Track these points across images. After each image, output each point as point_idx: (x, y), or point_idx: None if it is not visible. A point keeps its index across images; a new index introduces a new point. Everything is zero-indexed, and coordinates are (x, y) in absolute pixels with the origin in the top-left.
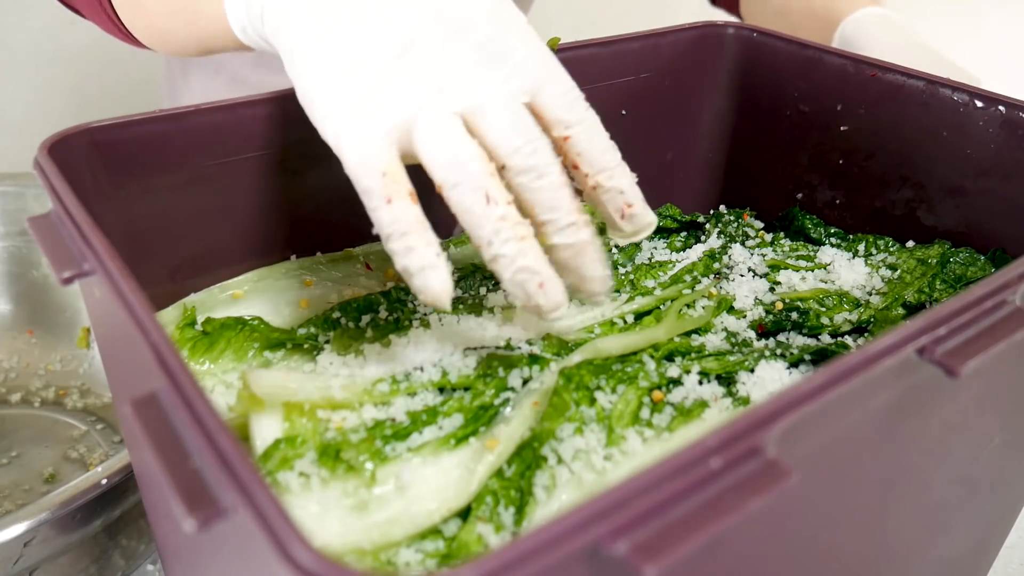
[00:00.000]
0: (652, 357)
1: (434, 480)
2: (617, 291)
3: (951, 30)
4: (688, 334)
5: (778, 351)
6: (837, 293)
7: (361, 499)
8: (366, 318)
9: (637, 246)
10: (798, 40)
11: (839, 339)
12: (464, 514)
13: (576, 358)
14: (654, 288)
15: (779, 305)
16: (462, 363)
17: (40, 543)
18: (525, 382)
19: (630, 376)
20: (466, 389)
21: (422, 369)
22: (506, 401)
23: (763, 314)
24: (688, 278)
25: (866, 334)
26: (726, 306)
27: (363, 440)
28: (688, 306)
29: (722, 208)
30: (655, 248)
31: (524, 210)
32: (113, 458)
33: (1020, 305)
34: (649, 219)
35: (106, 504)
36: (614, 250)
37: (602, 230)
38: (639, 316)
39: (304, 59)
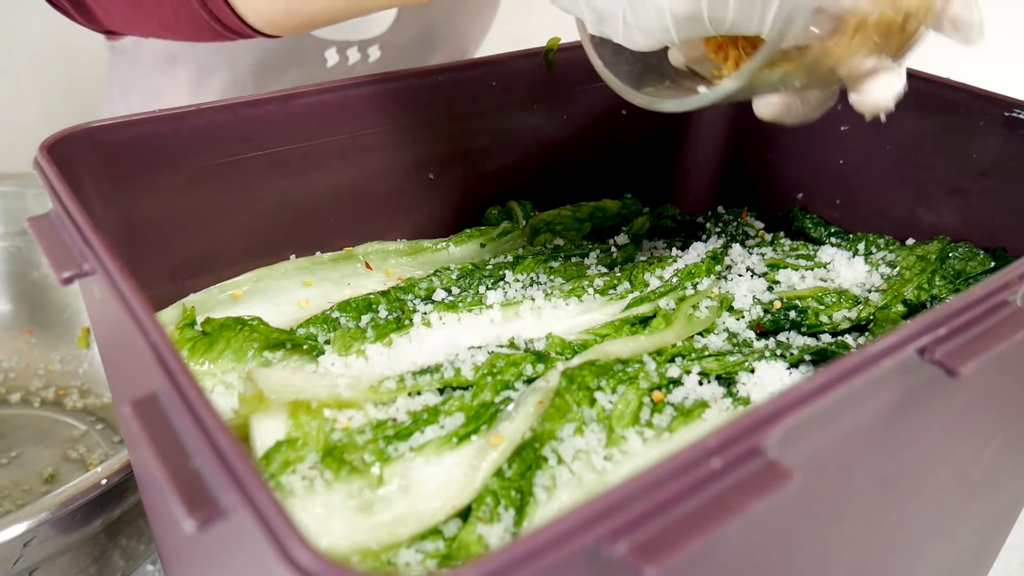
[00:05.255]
0: (652, 358)
1: (438, 478)
2: (614, 287)
3: None
4: (691, 335)
5: (778, 351)
6: (836, 291)
7: (366, 500)
8: (366, 318)
9: (637, 246)
10: None
11: (839, 338)
12: (464, 514)
13: (582, 359)
14: (658, 288)
15: (777, 304)
16: (464, 362)
17: (40, 543)
18: (529, 381)
19: (630, 376)
20: (467, 388)
21: (425, 368)
22: (507, 400)
23: (761, 313)
24: (690, 278)
25: (866, 332)
26: (727, 305)
27: (367, 441)
28: (693, 307)
29: (720, 208)
30: (655, 248)
31: None
32: (113, 458)
33: (1020, 305)
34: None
35: (106, 504)
36: (613, 249)
37: None
38: (646, 319)
39: None
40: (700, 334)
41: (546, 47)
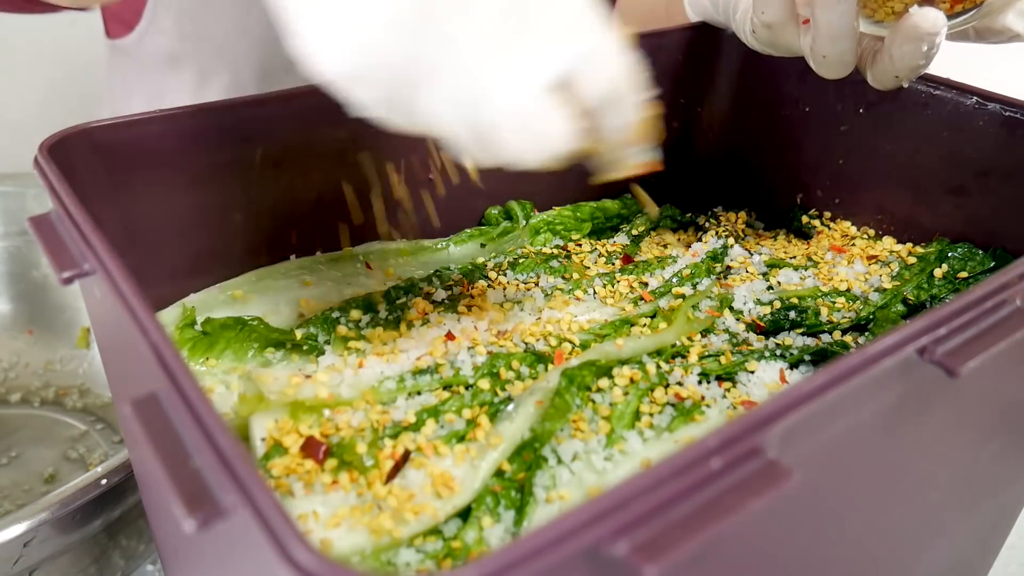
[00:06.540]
0: (652, 358)
1: (438, 478)
2: (612, 284)
3: None
4: (691, 335)
5: (778, 351)
6: (835, 291)
7: (366, 500)
8: (366, 318)
9: (637, 246)
10: None
11: (839, 337)
12: (464, 514)
13: (582, 359)
14: (657, 288)
15: (777, 304)
16: (464, 362)
17: (40, 543)
18: (528, 381)
19: (630, 376)
20: (467, 387)
21: (425, 368)
22: (507, 399)
23: (761, 314)
24: (690, 278)
25: (866, 332)
26: (727, 305)
27: (367, 440)
28: (693, 307)
29: (719, 208)
30: (655, 248)
31: None
32: (113, 458)
33: (1020, 305)
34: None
35: (106, 504)
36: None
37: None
38: (646, 319)
39: None
40: (700, 334)
41: None
